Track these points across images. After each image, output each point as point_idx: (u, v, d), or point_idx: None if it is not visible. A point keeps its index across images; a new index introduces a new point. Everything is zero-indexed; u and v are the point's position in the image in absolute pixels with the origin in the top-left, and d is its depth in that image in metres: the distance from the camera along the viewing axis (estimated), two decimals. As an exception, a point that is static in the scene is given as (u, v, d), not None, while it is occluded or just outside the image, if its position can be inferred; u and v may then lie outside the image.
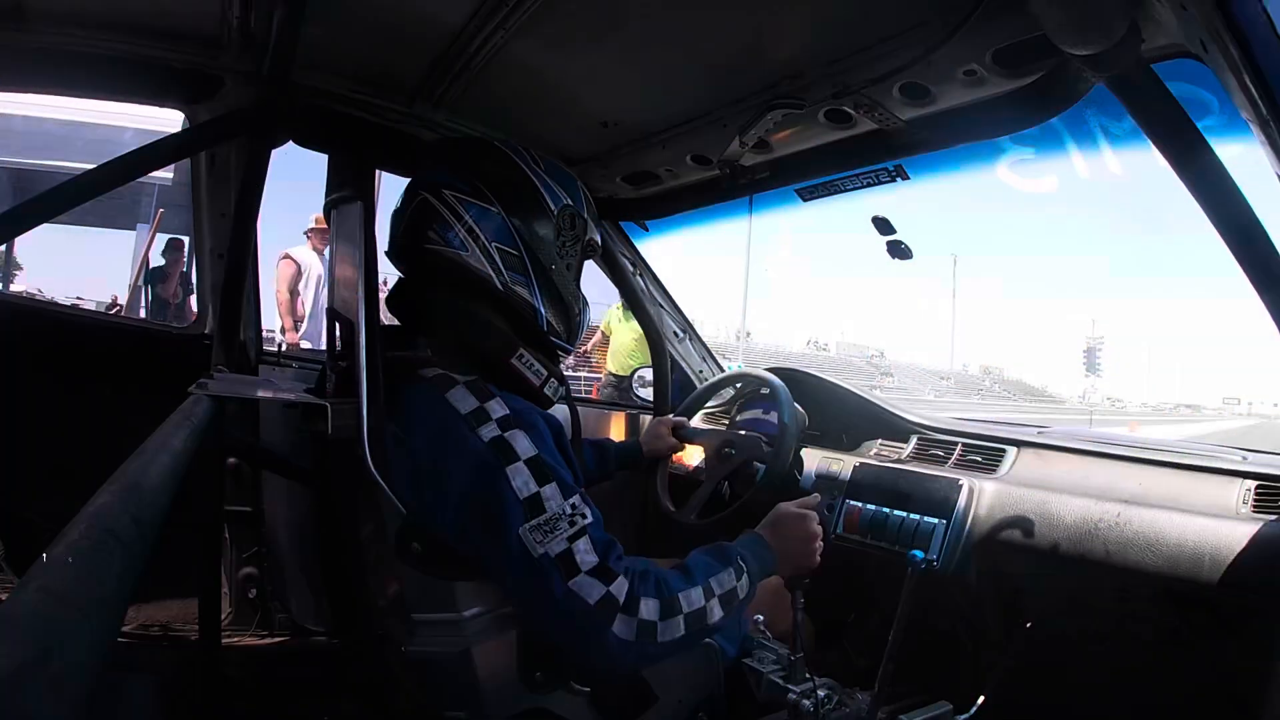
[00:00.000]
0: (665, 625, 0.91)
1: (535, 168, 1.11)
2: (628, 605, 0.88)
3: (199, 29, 1.32)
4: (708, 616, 0.95)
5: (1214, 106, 0.95)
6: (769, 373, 1.83)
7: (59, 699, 0.29)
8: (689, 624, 0.93)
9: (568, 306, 1.13)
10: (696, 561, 1.01)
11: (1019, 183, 1.35)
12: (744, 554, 1.04)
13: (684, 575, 0.97)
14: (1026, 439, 1.62)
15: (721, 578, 0.99)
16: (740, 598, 1.00)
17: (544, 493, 0.89)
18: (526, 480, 0.89)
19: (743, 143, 1.43)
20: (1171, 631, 1.30)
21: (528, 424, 0.94)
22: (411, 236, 1.05)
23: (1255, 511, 1.22)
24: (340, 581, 1.28)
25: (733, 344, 36.78)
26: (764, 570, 1.06)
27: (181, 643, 1.53)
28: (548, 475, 0.90)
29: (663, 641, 0.91)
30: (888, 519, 1.56)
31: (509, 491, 0.88)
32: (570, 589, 0.86)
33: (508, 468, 0.89)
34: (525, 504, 0.88)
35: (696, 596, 0.95)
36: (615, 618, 0.87)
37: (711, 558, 1.02)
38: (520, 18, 1.23)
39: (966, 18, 1.01)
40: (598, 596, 0.87)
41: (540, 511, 0.88)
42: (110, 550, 0.41)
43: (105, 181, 1.30)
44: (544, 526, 0.87)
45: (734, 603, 0.99)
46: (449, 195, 1.04)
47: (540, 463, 0.91)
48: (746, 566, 1.02)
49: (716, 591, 0.97)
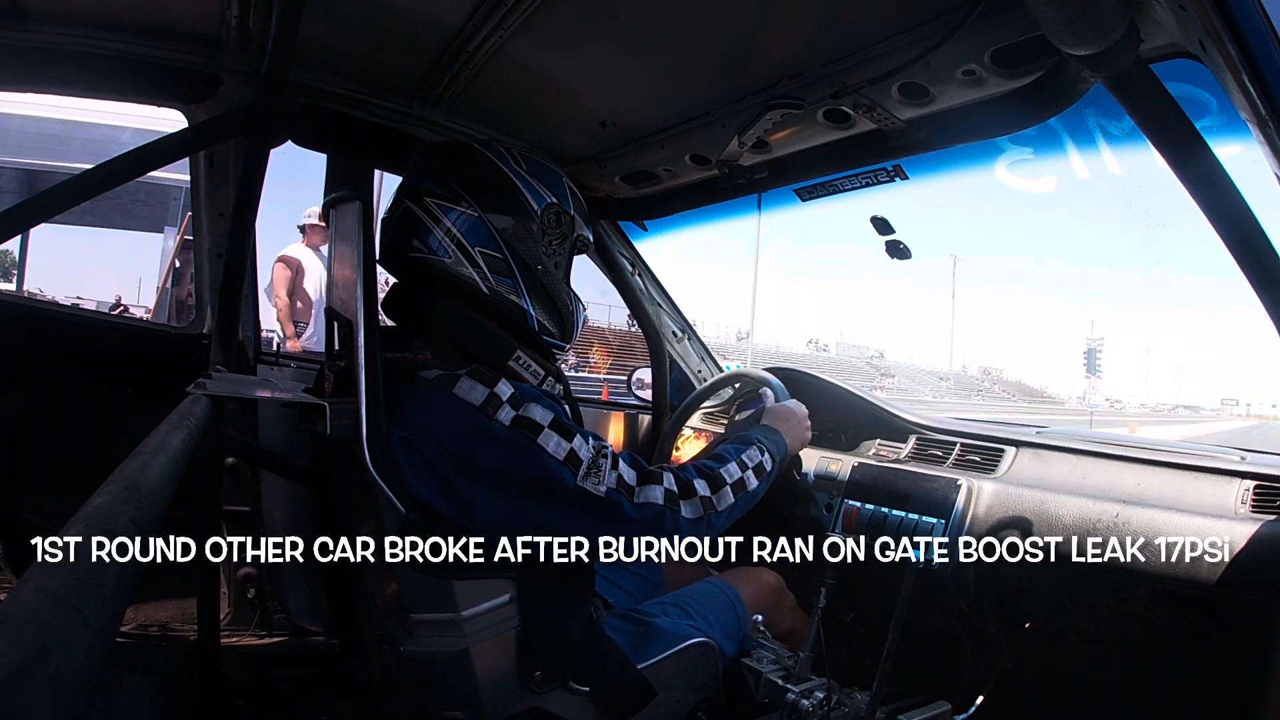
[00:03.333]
0: (718, 496, 1.07)
1: (516, 167, 1.09)
2: (684, 490, 1.04)
3: (197, 29, 1.32)
4: (746, 484, 1.13)
5: (1212, 106, 0.95)
6: (768, 372, 1.83)
7: (57, 698, 0.29)
8: (736, 492, 1.10)
9: (558, 305, 1.12)
10: (724, 448, 1.19)
11: (1018, 183, 1.35)
12: (759, 436, 1.24)
13: (716, 459, 1.14)
14: (1025, 439, 1.62)
15: (749, 453, 1.17)
16: (768, 469, 1.18)
17: (574, 446, 0.98)
18: (558, 443, 0.97)
19: (741, 143, 1.42)
20: (1169, 631, 1.30)
21: (534, 395, 0.99)
22: (397, 245, 1.06)
23: (1253, 511, 1.22)
24: (339, 581, 1.28)
25: (732, 345, 36.79)
26: (779, 448, 1.25)
27: (180, 642, 1.53)
28: (570, 431, 0.98)
29: (721, 510, 1.07)
30: (886, 518, 1.56)
31: (549, 458, 0.96)
32: (638, 503, 1.00)
33: (538, 439, 0.96)
34: (567, 461, 0.96)
35: (734, 469, 1.12)
36: (681, 504, 1.03)
37: (733, 442, 1.21)
38: (519, 17, 1.23)
39: (965, 18, 1.01)
40: (660, 495, 1.02)
41: (579, 461, 0.97)
42: (109, 550, 0.41)
43: (105, 181, 1.30)
44: (591, 471, 0.98)
45: (764, 474, 1.17)
46: (430, 202, 1.04)
47: (560, 423, 0.98)
48: (764, 444, 1.21)
49: (749, 464, 1.15)
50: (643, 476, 1.02)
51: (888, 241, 1.55)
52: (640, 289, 2.14)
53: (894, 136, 1.37)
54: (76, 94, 1.38)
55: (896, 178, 1.45)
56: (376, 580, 1.02)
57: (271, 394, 1.11)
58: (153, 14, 1.29)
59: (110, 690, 1.22)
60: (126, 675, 1.32)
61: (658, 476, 1.03)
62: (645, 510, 0.99)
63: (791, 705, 1.10)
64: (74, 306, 3.62)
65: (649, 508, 1.00)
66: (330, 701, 1.58)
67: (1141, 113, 0.95)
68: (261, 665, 1.63)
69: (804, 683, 1.14)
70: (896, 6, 1.11)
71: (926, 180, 1.46)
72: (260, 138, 1.31)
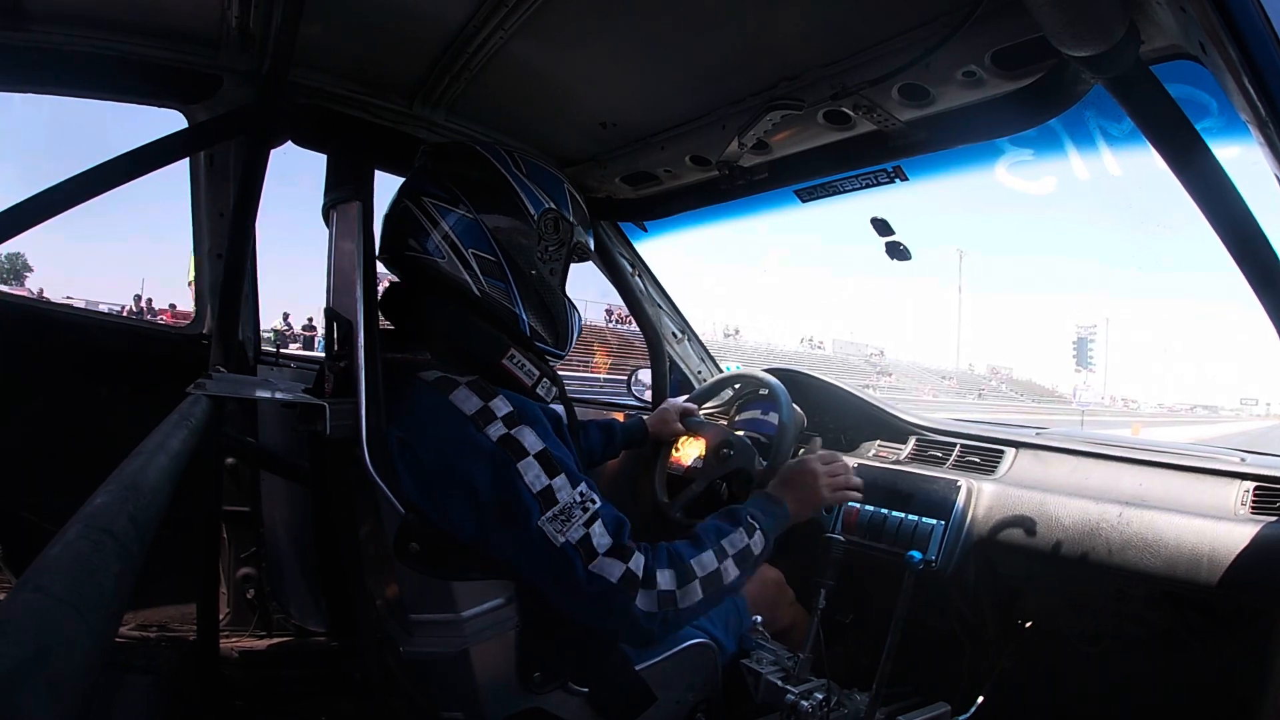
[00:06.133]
0: (683, 592, 0.97)
1: (515, 171, 1.09)
2: (646, 579, 0.94)
3: (197, 28, 1.32)
4: (723, 577, 1.01)
5: (1212, 108, 0.95)
6: (768, 374, 1.84)
7: (56, 699, 0.29)
8: (706, 587, 0.99)
9: (552, 312, 1.11)
10: (705, 527, 1.06)
11: (1018, 184, 1.35)
12: (752, 512, 1.10)
13: (693, 542, 1.03)
14: (1025, 440, 1.63)
15: (732, 538, 1.04)
16: (756, 553, 1.06)
17: (555, 484, 0.92)
18: (538, 474, 0.92)
19: (742, 144, 1.43)
20: (1169, 632, 1.30)
21: (531, 418, 0.96)
22: (395, 243, 1.06)
23: (1254, 513, 1.22)
24: (338, 582, 1.28)
25: (719, 341, 36.62)
26: (776, 522, 1.11)
27: (180, 643, 1.53)
28: (555, 467, 0.93)
29: (684, 607, 0.97)
30: (886, 519, 1.56)
31: (523, 487, 0.91)
32: (592, 571, 0.92)
33: (519, 464, 0.92)
34: (540, 497, 0.91)
35: (708, 560, 1.01)
36: (638, 593, 0.93)
37: (720, 520, 1.08)
38: (519, 18, 1.23)
39: (965, 19, 1.01)
40: (619, 574, 0.92)
41: (554, 503, 0.92)
42: (108, 550, 0.41)
43: (104, 181, 1.30)
44: (560, 516, 0.92)
45: (750, 559, 1.05)
46: (427, 203, 1.04)
47: (548, 456, 0.94)
48: (757, 523, 1.08)
49: (729, 552, 1.03)
50: (614, 548, 0.93)
51: (888, 243, 1.55)
52: (640, 290, 2.14)
53: (894, 137, 1.37)
54: (76, 94, 1.37)
55: (896, 179, 1.45)
56: (376, 580, 1.02)
57: (271, 394, 1.11)
58: (153, 14, 1.29)
59: (110, 690, 1.22)
60: (126, 675, 1.31)
61: (628, 554, 0.94)
62: (594, 582, 0.91)
63: (791, 706, 1.09)
64: (73, 306, 3.62)
65: (599, 580, 0.91)
66: (330, 701, 1.58)
67: (1141, 114, 0.95)
68: (261, 665, 1.63)
69: (803, 684, 1.14)
70: (897, 8, 1.11)
71: (927, 181, 1.46)
72: (260, 138, 1.31)
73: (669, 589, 0.96)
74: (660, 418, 1.80)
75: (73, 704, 0.30)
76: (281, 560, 1.67)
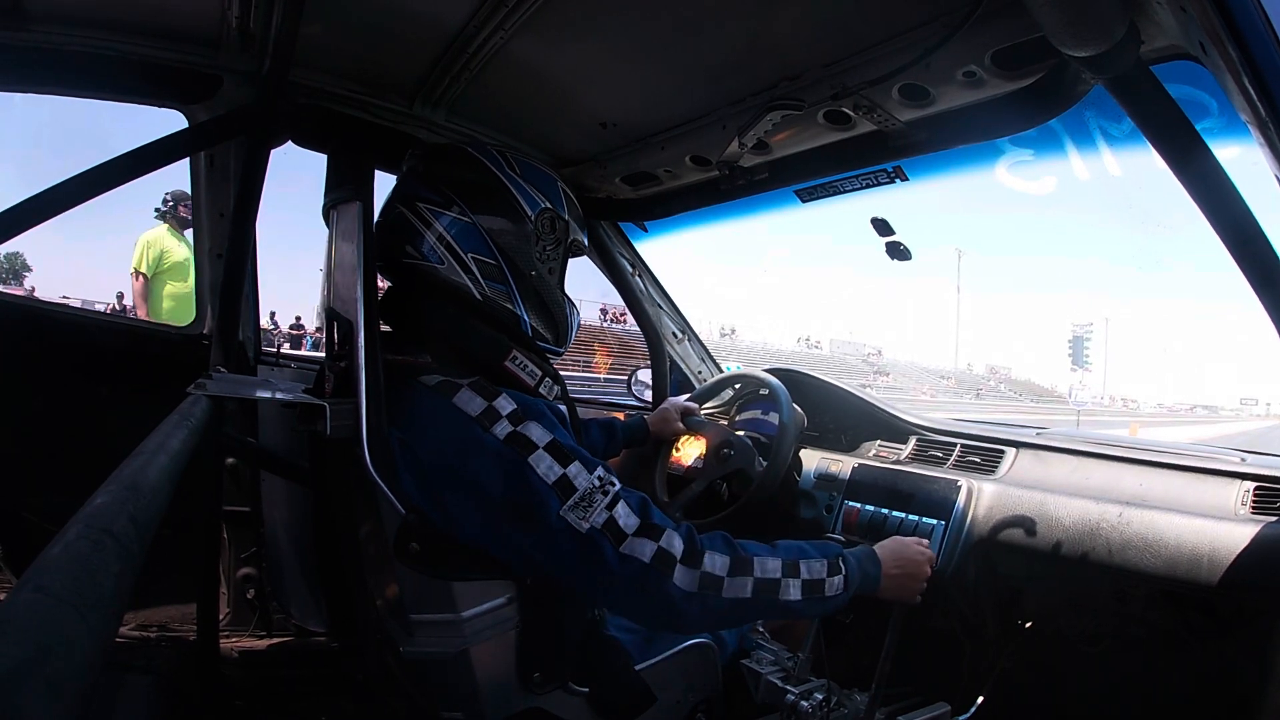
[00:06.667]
0: (732, 582, 0.92)
1: (509, 171, 1.08)
2: (689, 557, 0.91)
3: (197, 29, 1.32)
4: (781, 591, 0.95)
5: (1213, 108, 0.95)
6: (768, 374, 1.84)
7: (56, 699, 0.29)
8: (758, 590, 0.94)
9: (552, 310, 1.11)
10: (788, 542, 1.02)
11: (1018, 184, 1.35)
12: (848, 556, 1.03)
13: (766, 546, 0.99)
14: (1025, 440, 1.63)
15: (812, 565, 0.99)
16: (827, 594, 0.99)
17: (570, 471, 0.90)
18: (550, 465, 0.90)
19: (742, 144, 1.43)
20: (1170, 632, 1.30)
21: (537, 413, 0.95)
22: (393, 251, 1.04)
23: (1254, 513, 1.22)
24: (338, 582, 1.28)
25: (715, 340, 36.61)
26: (865, 581, 1.04)
27: (180, 643, 1.53)
28: (568, 456, 0.92)
29: (727, 598, 0.92)
30: (886, 519, 1.56)
31: (537, 480, 0.89)
32: (623, 554, 0.89)
33: (529, 458, 0.90)
34: (556, 487, 0.89)
35: (773, 567, 0.96)
36: (675, 568, 0.89)
37: (809, 544, 1.02)
38: (519, 18, 1.23)
39: (965, 19, 1.01)
40: (651, 553, 0.89)
41: (572, 490, 0.90)
42: (108, 550, 0.41)
43: (104, 181, 1.30)
44: (581, 503, 0.89)
45: (818, 594, 0.98)
46: (422, 208, 1.03)
47: (558, 446, 0.92)
48: (846, 569, 1.01)
49: (802, 574, 0.97)
50: (643, 528, 0.90)
51: (888, 243, 1.55)
52: (640, 290, 2.14)
53: (894, 138, 1.37)
54: (77, 94, 1.37)
55: (897, 179, 1.45)
56: (376, 581, 1.02)
57: (271, 394, 1.11)
58: (153, 14, 1.29)
59: (110, 690, 1.22)
60: (126, 675, 1.32)
61: (658, 532, 0.91)
62: (627, 564, 0.88)
63: (791, 706, 1.10)
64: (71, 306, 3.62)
65: (631, 563, 0.88)
66: (330, 701, 1.58)
67: (1142, 114, 0.95)
68: (261, 665, 1.63)
69: (803, 684, 1.14)
70: (897, 8, 1.11)
71: (927, 181, 1.46)
72: (260, 138, 1.31)
73: (717, 574, 0.91)
74: (661, 417, 1.80)
75: (73, 704, 0.30)
76: (281, 560, 1.67)
